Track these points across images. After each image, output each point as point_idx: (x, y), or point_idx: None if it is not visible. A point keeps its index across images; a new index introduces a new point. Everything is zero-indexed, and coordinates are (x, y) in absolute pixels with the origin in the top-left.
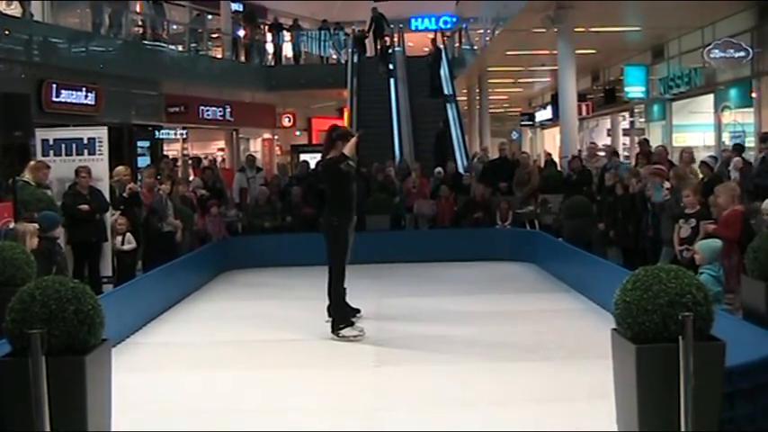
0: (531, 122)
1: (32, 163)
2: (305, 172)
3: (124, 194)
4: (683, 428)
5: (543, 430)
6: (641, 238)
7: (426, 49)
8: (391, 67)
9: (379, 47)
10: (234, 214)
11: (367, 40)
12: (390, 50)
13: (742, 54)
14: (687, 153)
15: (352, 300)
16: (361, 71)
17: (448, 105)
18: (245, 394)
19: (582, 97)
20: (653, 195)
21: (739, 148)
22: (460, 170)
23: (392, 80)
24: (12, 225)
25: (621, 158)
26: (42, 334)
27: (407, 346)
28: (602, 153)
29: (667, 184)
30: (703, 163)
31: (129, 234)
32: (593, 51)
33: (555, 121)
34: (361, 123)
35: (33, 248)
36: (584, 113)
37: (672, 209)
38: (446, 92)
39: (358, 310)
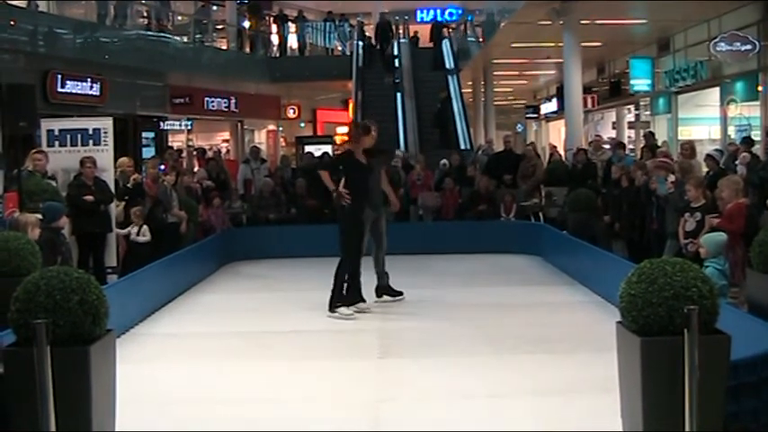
0: (536, 115)
1: (33, 152)
2: (312, 164)
3: (128, 185)
4: (687, 422)
5: (547, 423)
6: (646, 230)
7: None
8: (397, 80)
9: (385, 55)
10: (238, 206)
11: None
12: (396, 54)
13: (748, 47)
14: (687, 147)
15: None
16: (366, 64)
17: (449, 78)
18: (247, 385)
19: (587, 90)
20: (657, 188)
21: (748, 142)
22: (461, 144)
23: (399, 93)
24: (16, 215)
25: (627, 151)
26: (47, 324)
27: (411, 337)
28: (606, 146)
29: (672, 178)
30: (709, 156)
31: (145, 227)
32: (599, 44)
33: (560, 113)
34: (366, 115)
35: (36, 239)
36: (589, 106)
37: (676, 202)
38: (448, 66)
39: (400, 293)
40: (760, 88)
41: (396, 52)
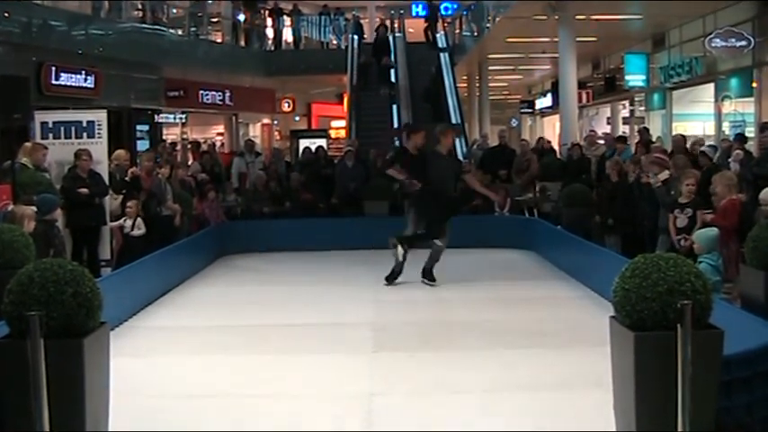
0: (530, 110)
1: (28, 145)
2: (311, 158)
3: (126, 178)
4: (680, 417)
5: (541, 418)
6: (639, 226)
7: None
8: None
9: (381, 65)
10: (233, 199)
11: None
12: (393, 68)
13: (743, 43)
14: (679, 139)
15: (352, 286)
16: (362, 77)
17: (441, 55)
18: (242, 379)
19: (582, 85)
20: (653, 183)
21: (742, 139)
22: (452, 119)
23: (394, 105)
24: (10, 207)
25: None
26: (41, 316)
27: (405, 332)
28: (601, 141)
29: (665, 175)
30: (702, 153)
31: (139, 219)
32: (594, 39)
33: (555, 108)
34: (361, 113)
35: (31, 232)
36: (584, 101)
37: (663, 197)
38: (440, 45)
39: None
40: (754, 84)
41: (392, 62)
